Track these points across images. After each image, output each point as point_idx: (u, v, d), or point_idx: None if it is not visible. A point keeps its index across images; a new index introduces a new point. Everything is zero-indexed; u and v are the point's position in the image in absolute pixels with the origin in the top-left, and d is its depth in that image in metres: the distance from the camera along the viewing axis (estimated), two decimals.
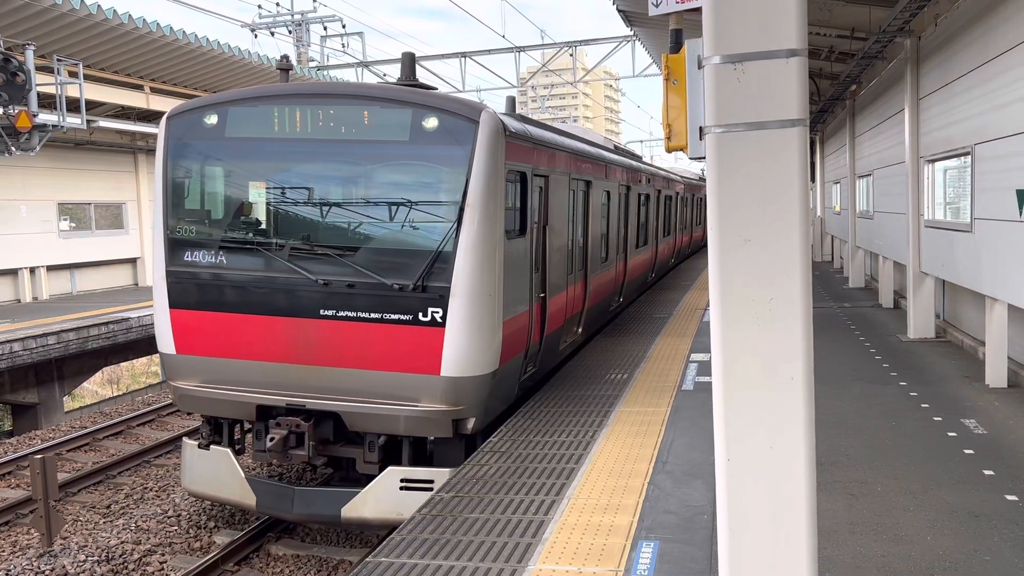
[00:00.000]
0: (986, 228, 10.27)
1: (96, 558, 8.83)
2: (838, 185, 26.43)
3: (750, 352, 3.54)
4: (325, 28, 30.33)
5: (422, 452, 8.50)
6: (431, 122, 7.98)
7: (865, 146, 20.48)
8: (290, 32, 29.96)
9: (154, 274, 8.90)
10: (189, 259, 8.65)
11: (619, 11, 16.84)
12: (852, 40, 15.21)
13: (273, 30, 29.94)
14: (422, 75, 28.83)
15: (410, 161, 8.14)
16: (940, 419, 8.93)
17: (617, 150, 17.95)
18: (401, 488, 8.04)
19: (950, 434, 8.38)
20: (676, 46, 3.95)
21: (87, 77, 18.51)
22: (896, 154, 15.61)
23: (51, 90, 17.60)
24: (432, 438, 8.34)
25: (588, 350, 13.03)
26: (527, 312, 9.19)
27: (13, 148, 16.71)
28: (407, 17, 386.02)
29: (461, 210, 7.86)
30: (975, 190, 10.72)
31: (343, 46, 30.55)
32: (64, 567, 8.71)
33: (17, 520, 10.41)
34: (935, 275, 13.31)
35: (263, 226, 8.57)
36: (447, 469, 8.02)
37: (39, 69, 17.05)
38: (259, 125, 8.43)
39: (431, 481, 7.96)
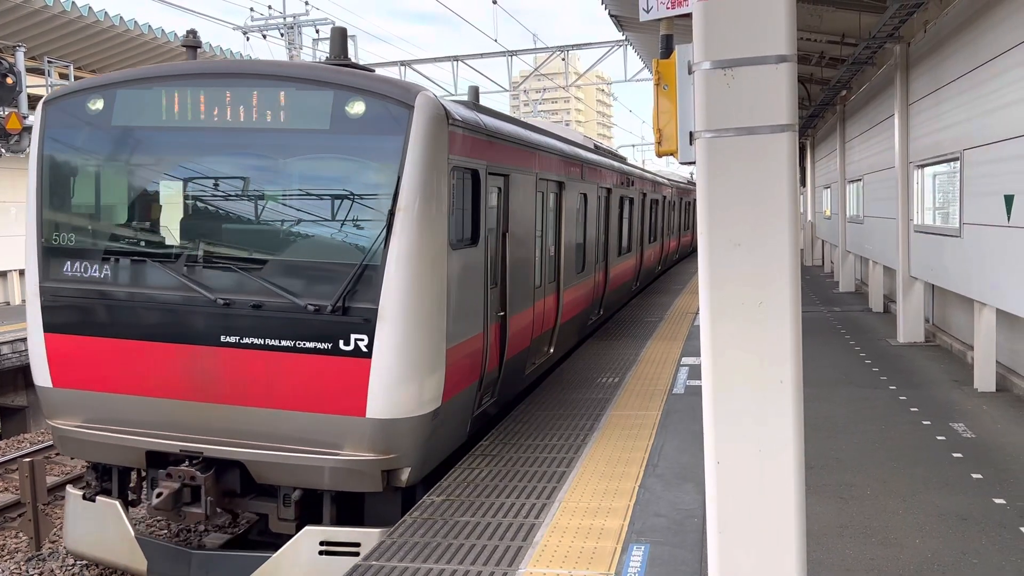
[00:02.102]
0: (975, 233, 10.34)
1: (84, 562, 8.79)
2: (828, 190, 26.55)
3: (740, 355, 3.56)
4: (317, 31, 30.30)
5: (350, 506, 7.07)
6: (356, 107, 6.61)
7: (855, 151, 20.59)
8: (282, 35, 29.94)
9: (26, 290, 7.49)
10: (68, 272, 7.19)
11: (611, 16, 16.90)
12: (842, 46, 15.29)
13: (265, 33, 29.91)
14: (414, 79, 28.88)
15: (330, 154, 6.78)
16: (929, 423, 8.98)
17: (598, 150, 16.54)
18: (321, 553, 6.69)
19: (939, 438, 8.43)
20: (667, 51, 3.97)
21: (78, 79, 18.48)
22: (886, 159, 15.70)
23: (42, 92, 17.56)
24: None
25: (578, 355, 13.04)
26: (481, 335, 7.88)
27: (3, 150, 16.66)
28: (399, 21, 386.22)
29: (392, 214, 6.45)
30: (964, 195, 10.79)
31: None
32: (52, 571, 8.66)
33: (5, 523, 10.36)
34: (924, 280, 13.39)
35: (154, 233, 7.20)
36: (378, 529, 6.66)
37: (29, 71, 17.03)
38: (152, 111, 7.03)
39: (358, 544, 6.66)
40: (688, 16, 3.65)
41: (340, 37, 7.92)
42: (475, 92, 10.42)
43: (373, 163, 6.70)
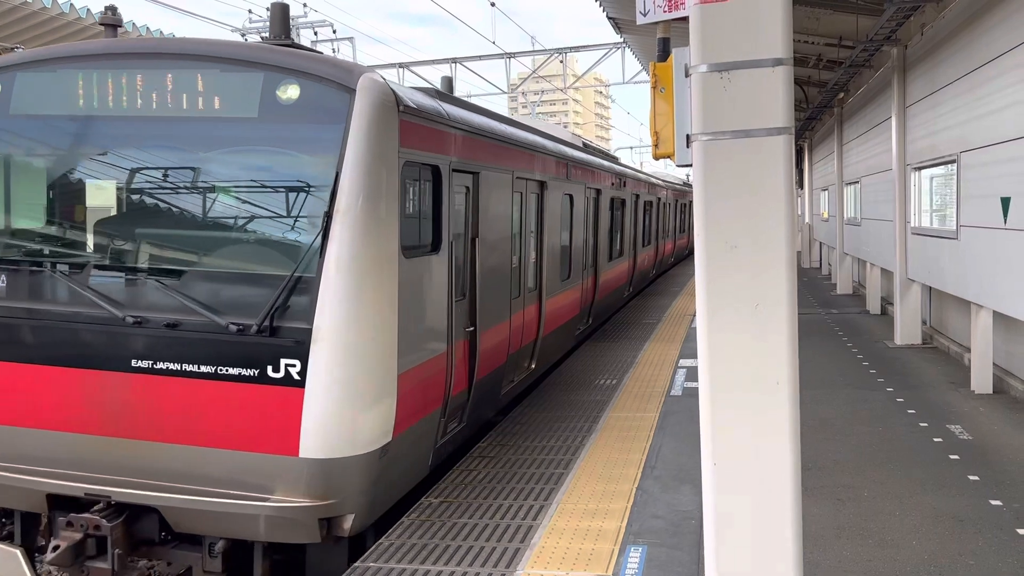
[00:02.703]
0: (971, 235, 10.36)
1: None
2: (826, 192, 26.59)
3: (736, 357, 3.58)
4: (316, 33, 30.34)
5: (290, 556, 6.09)
6: (289, 91, 5.62)
7: (853, 153, 20.63)
8: None
9: None
10: None
11: (609, 18, 16.94)
12: (840, 48, 15.34)
13: (263, 35, 29.93)
14: (412, 80, 28.90)
15: (259, 146, 5.79)
16: (926, 425, 8.99)
17: (587, 148, 15.41)
18: None
19: (936, 440, 8.45)
20: (663, 54, 3.99)
21: None
22: (883, 161, 15.73)
23: None
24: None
25: (576, 357, 13.06)
26: (444, 355, 6.89)
27: None
28: (398, 23, 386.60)
29: (328, 216, 5.46)
30: (960, 198, 10.82)
31: (334, 51, 30.56)
32: None
33: None
34: (922, 282, 13.42)
35: (54, 240, 6.16)
36: None
37: None
38: (56, 97, 6.05)
39: None
40: (685, 19, 3.67)
41: (281, 14, 6.88)
42: (447, 82, 9.75)
43: (308, 157, 5.70)
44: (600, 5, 15.91)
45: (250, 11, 30.28)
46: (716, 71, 3.47)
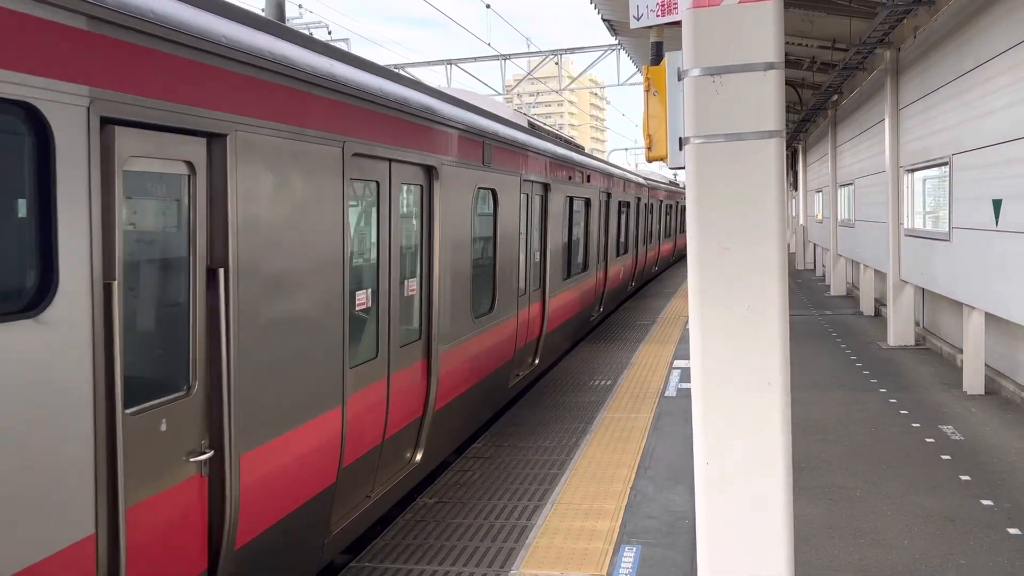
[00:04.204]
0: (964, 237, 10.43)
1: None
2: (820, 194, 26.68)
3: (728, 358, 3.61)
4: (310, 34, 30.36)
5: None
6: None
7: (847, 155, 20.71)
8: None
9: None
10: None
11: (604, 20, 16.98)
12: (833, 51, 15.40)
13: None
14: None
15: None
16: (918, 425, 9.04)
17: (534, 129, 11.71)
18: None
19: (928, 440, 8.49)
20: (657, 58, 4.03)
21: None
22: (877, 163, 15.80)
23: None
24: None
25: (571, 358, 13.07)
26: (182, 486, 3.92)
27: None
28: (393, 24, 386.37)
29: None
30: (953, 200, 10.88)
31: None
32: None
33: None
34: (915, 283, 13.48)
35: None
36: None
37: None
38: None
39: None
40: (678, 23, 3.70)
41: None
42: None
43: None
44: (595, 7, 15.95)
45: None
46: (708, 75, 3.51)
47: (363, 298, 5.87)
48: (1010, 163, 8.81)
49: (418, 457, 6.76)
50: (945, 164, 11.32)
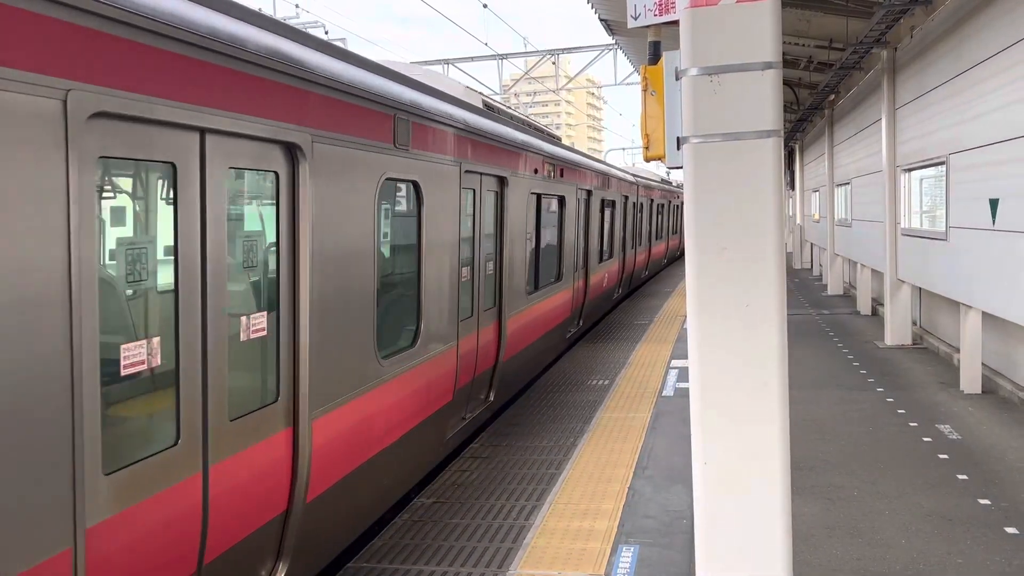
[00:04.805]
0: (961, 236, 10.44)
1: None
2: (817, 193, 26.70)
3: (726, 357, 3.61)
4: None
5: None
6: None
7: (843, 155, 20.73)
8: None
9: None
10: None
11: (601, 20, 16.99)
12: (830, 50, 15.42)
13: None
14: None
15: None
16: (916, 424, 9.05)
17: (490, 111, 9.61)
18: None
19: (925, 439, 8.50)
20: (654, 57, 4.02)
21: None
22: (873, 163, 15.82)
23: None
24: None
25: (568, 359, 13.07)
26: None
27: None
28: (390, 23, 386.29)
29: None
30: (950, 199, 10.90)
31: None
32: None
33: None
34: (911, 283, 13.50)
35: None
36: None
37: None
38: None
39: None
40: (676, 23, 3.70)
41: None
42: None
43: None
44: (592, 7, 15.96)
45: None
46: (706, 74, 3.51)
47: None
48: (1007, 162, 8.82)
49: None
50: (942, 163, 11.33)
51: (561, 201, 12.23)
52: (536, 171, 10.42)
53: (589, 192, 14.35)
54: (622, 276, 18.84)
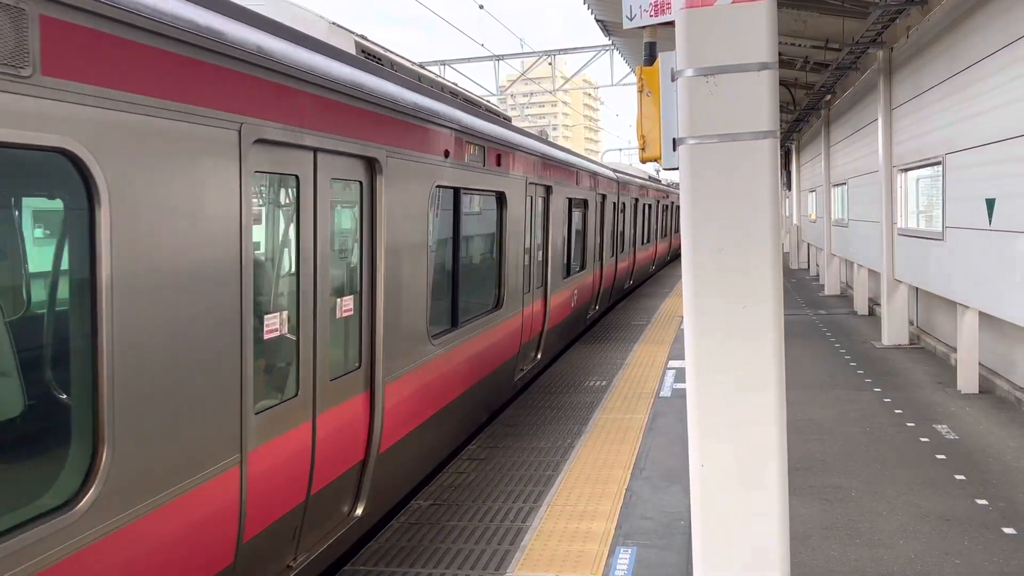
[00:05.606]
0: (957, 236, 10.44)
1: None
2: (814, 193, 26.72)
3: (723, 358, 3.60)
4: None
5: None
6: None
7: (840, 155, 20.74)
8: None
9: None
10: None
11: (597, 21, 16.99)
12: (826, 51, 15.44)
13: None
14: None
15: None
16: (913, 425, 9.05)
17: (369, 58, 6.93)
18: None
19: (923, 439, 8.50)
20: (650, 58, 4.01)
21: None
22: (870, 163, 15.83)
23: None
24: None
25: (565, 359, 13.07)
26: None
27: None
28: (388, 25, 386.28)
29: None
30: (946, 199, 10.90)
31: None
32: None
33: None
34: (908, 283, 13.51)
35: None
36: None
37: None
38: None
39: None
40: (671, 24, 3.69)
41: None
42: None
43: None
44: (588, 8, 15.96)
45: None
46: (702, 75, 3.50)
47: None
48: (1003, 162, 8.83)
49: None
50: (938, 163, 11.34)
51: (501, 200, 9.29)
52: (463, 158, 7.69)
53: (549, 188, 11.54)
54: (598, 290, 16.68)
